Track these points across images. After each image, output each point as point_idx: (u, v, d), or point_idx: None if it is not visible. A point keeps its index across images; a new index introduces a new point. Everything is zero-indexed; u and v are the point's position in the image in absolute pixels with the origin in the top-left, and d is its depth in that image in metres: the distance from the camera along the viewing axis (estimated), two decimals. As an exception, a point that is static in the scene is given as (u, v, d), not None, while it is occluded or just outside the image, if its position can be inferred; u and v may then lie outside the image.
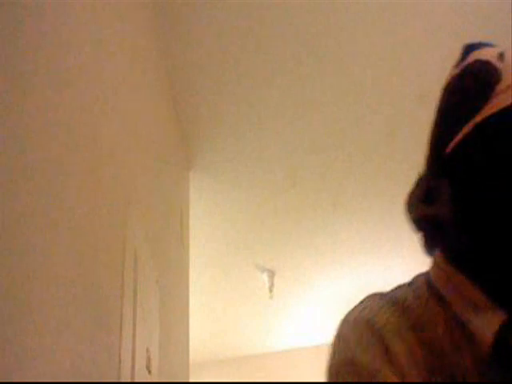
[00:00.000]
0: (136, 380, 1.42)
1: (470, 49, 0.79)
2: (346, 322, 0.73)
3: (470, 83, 0.72)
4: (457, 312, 0.68)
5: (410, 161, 3.18)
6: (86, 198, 1.14)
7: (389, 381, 0.64)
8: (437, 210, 0.72)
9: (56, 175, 0.98)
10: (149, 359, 1.61)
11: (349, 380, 0.67)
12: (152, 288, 1.77)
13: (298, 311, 4.75)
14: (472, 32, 2.41)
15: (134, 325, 1.45)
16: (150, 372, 1.61)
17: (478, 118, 0.68)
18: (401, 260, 4.13)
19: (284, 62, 2.54)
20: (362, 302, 0.75)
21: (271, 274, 4.10)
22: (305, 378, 5.11)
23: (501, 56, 0.72)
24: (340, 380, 0.68)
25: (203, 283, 4.07)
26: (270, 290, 4.11)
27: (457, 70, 0.76)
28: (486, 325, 0.65)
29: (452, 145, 0.71)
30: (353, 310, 0.74)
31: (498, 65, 0.71)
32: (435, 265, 0.75)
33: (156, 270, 1.89)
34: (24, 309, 0.80)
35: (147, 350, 1.59)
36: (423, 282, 0.75)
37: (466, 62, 0.75)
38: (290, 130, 2.93)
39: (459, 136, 0.70)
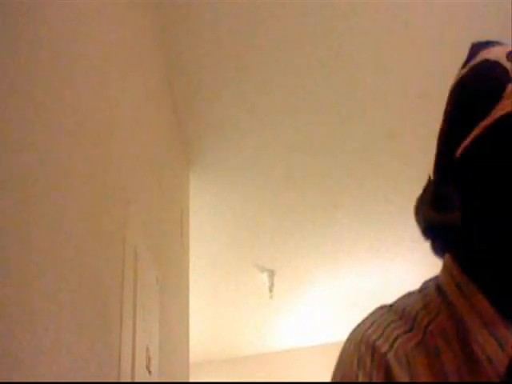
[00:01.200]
0: (136, 380, 1.42)
1: (477, 48, 0.76)
2: (351, 343, 0.71)
3: (478, 84, 0.70)
4: (468, 326, 0.66)
5: (410, 161, 3.19)
6: (86, 197, 1.14)
7: None
8: (446, 216, 0.70)
9: (56, 175, 0.98)
10: (149, 359, 1.61)
11: None
12: (152, 288, 1.77)
13: (298, 311, 4.74)
14: (472, 32, 2.41)
15: (134, 325, 1.45)
16: (149, 372, 1.61)
17: (489, 121, 0.66)
18: (401, 260, 4.14)
19: (284, 63, 2.54)
20: (370, 315, 0.73)
21: (271, 274, 4.10)
22: (305, 378, 5.11)
23: (509, 55, 0.70)
24: None
25: (203, 283, 4.07)
26: (270, 290, 4.11)
27: (464, 71, 0.74)
28: (499, 347, 0.63)
29: (461, 148, 0.69)
30: (360, 325, 0.73)
31: (507, 65, 0.69)
32: (446, 270, 0.73)
33: (156, 270, 1.89)
34: (24, 309, 0.80)
35: (147, 350, 1.59)
36: (433, 289, 0.73)
37: (473, 63, 0.73)
38: (290, 130, 2.93)
39: (469, 139, 0.68)
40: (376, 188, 3.38)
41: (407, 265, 4.18)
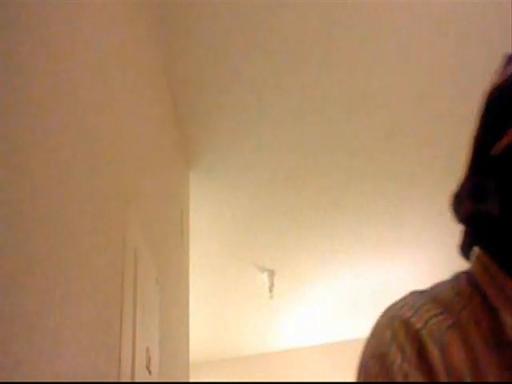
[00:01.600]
0: (136, 380, 1.42)
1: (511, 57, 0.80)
2: (383, 319, 0.71)
3: None
4: (500, 313, 0.67)
5: (410, 161, 3.19)
6: (86, 198, 1.14)
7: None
8: (486, 207, 0.72)
9: (56, 176, 0.98)
10: (149, 359, 1.61)
11: (374, 372, 0.66)
12: (152, 288, 1.77)
13: (298, 311, 4.75)
14: (472, 33, 2.41)
15: (134, 325, 1.45)
16: (149, 372, 1.61)
17: None
18: (401, 260, 4.14)
19: (284, 63, 2.54)
20: (403, 299, 0.74)
21: (271, 274, 4.10)
22: (305, 378, 5.11)
23: None
24: (364, 371, 0.68)
25: (203, 283, 4.07)
26: (270, 290, 4.12)
27: (502, 79, 0.77)
28: None
29: (501, 145, 0.72)
30: (393, 305, 0.73)
31: None
32: (478, 262, 0.75)
33: (156, 270, 1.89)
34: (24, 309, 0.80)
35: (147, 350, 1.59)
36: (465, 279, 0.74)
37: (509, 72, 0.76)
38: (290, 130, 2.93)
39: (509, 136, 0.71)
40: (376, 188, 3.38)
41: (407, 265, 4.19)
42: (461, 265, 0.79)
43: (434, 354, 0.64)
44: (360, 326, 4.73)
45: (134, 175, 1.68)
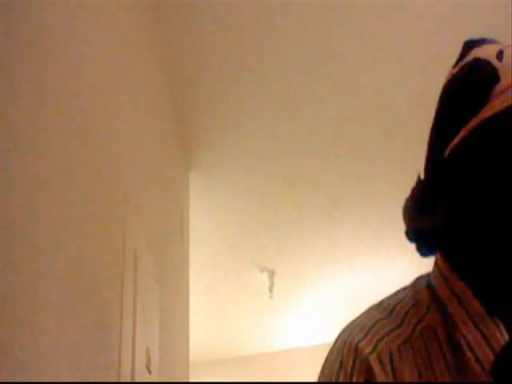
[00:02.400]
0: (136, 380, 1.42)
1: (470, 45, 0.76)
2: (337, 343, 0.71)
3: (467, 84, 0.70)
4: (456, 322, 0.66)
5: (409, 161, 3.18)
6: (86, 198, 1.14)
7: None
8: (430, 220, 0.70)
9: (56, 176, 0.98)
10: (149, 359, 1.61)
11: None
12: (152, 288, 1.77)
13: (298, 311, 4.75)
14: (472, 32, 2.41)
15: (134, 325, 1.45)
16: (149, 372, 1.61)
17: (477, 120, 0.66)
18: (400, 260, 4.14)
19: (284, 63, 2.54)
20: (360, 316, 0.74)
21: (271, 274, 4.10)
22: (305, 378, 5.10)
23: (500, 54, 0.70)
24: None
25: (203, 283, 4.07)
26: (270, 290, 4.11)
27: (456, 70, 0.74)
28: (486, 343, 0.62)
29: (449, 149, 0.68)
30: (349, 324, 0.73)
31: (497, 64, 0.68)
32: (436, 268, 0.73)
33: (156, 270, 1.89)
34: (24, 309, 0.80)
35: (147, 350, 1.59)
36: (424, 285, 0.73)
37: (465, 61, 0.73)
38: (290, 131, 2.93)
39: (457, 139, 0.67)
40: (376, 188, 3.38)
41: (407, 265, 4.18)
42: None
43: (382, 378, 0.64)
44: (360, 326, 4.72)
45: (134, 175, 1.68)
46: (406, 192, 0.79)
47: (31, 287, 0.83)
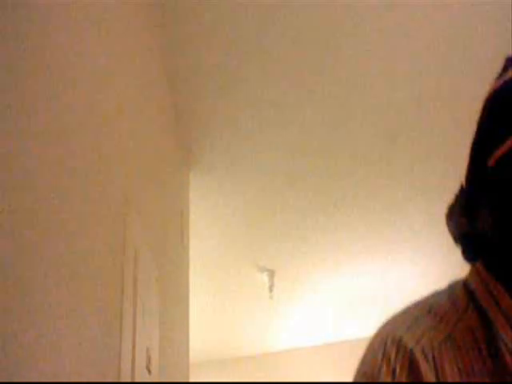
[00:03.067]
0: (136, 380, 1.42)
1: (511, 62, 0.78)
2: (378, 336, 0.71)
3: None
4: (494, 326, 0.67)
5: (409, 161, 3.19)
6: (86, 198, 1.14)
7: None
8: (478, 224, 0.71)
9: (56, 176, 0.98)
10: (149, 359, 1.61)
11: None
12: (152, 288, 1.77)
13: (298, 311, 4.75)
14: (472, 34, 2.41)
15: (134, 325, 1.45)
16: (150, 372, 1.61)
17: None
18: (400, 260, 4.14)
19: (284, 64, 2.54)
20: (400, 312, 0.74)
21: (271, 274, 4.10)
22: (305, 378, 5.11)
23: None
24: None
25: (203, 283, 4.07)
26: (270, 290, 4.12)
27: (499, 84, 0.75)
28: None
29: (495, 157, 0.70)
30: (390, 320, 0.73)
31: None
32: (475, 272, 0.74)
33: (156, 270, 1.89)
34: (24, 309, 0.80)
35: (147, 350, 1.60)
36: (461, 289, 0.74)
37: (508, 75, 0.74)
38: (290, 131, 2.93)
39: (503, 148, 0.69)
40: (376, 188, 3.38)
41: (407, 265, 4.19)
42: (460, 265, 0.79)
43: (426, 371, 0.64)
44: (360, 325, 4.74)
45: (135, 175, 1.68)
46: (406, 192, 0.79)
47: (31, 287, 0.83)
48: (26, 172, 0.85)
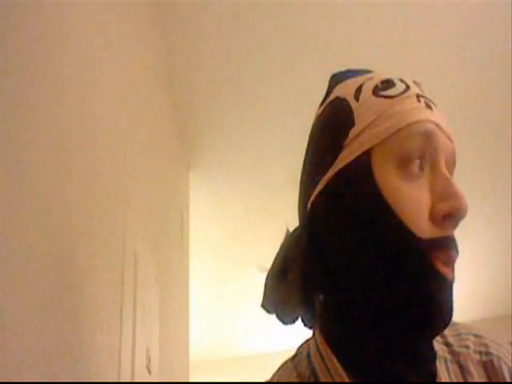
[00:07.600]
0: (136, 380, 1.42)
1: (335, 80, 0.70)
2: None
3: (327, 128, 0.64)
4: None
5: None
6: (85, 198, 1.14)
7: None
8: (287, 288, 0.67)
9: (56, 176, 0.98)
10: (149, 359, 1.61)
11: None
12: (152, 288, 1.77)
13: (298, 311, 4.74)
14: (471, 33, 2.41)
15: (134, 325, 1.45)
16: (150, 372, 1.61)
17: (330, 174, 0.62)
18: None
19: (284, 63, 2.54)
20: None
21: (271, 274, 4.09)
22: (305, 377, 5.10)
23: (358, 91, 0.63)
24: None
25: (203, 283, 4.07)
26: (270, 290, 4.11)
27: (320, 110, 0.68)
28: None
29: (310, 202, 0.64)
30: None
31: (354, 104, 0.62)
32: (313, 336, 0.72)
33: (156, 270, 1.89)
34: (24, 309, 0.80)
35: (147, 350, 1.60)
36: (304, 356, 0.71)
37: (327, 101, 0.67)
38: (290, 130, 2.93)
39: (315, 193, 0.63)
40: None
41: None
42: (460, 265, 0.79)
43: None
44: (360, 326, 4.72)
45: (134, 175, 1.68)
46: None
47: (30, 287, 0.83)
48: (24, 172, 0.85)
